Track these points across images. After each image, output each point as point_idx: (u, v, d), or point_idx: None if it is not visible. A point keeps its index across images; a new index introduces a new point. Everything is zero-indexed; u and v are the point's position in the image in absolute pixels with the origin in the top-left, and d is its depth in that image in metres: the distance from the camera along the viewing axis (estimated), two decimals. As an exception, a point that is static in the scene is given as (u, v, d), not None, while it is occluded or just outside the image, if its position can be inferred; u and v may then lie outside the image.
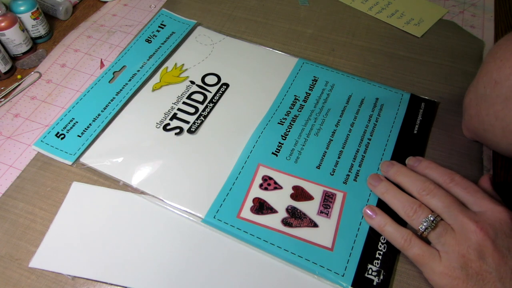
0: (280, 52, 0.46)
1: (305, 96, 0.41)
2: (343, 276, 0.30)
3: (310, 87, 0.42)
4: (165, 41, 0.47)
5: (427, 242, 0.29)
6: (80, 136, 0.38)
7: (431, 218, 0.28)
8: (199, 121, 0.39)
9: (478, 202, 0.28)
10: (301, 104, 0.41)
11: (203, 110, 0.40)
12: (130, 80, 0.43)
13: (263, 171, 0.36)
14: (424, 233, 0.29)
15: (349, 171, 0.36)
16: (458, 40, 0.48)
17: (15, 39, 0.44)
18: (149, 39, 0.47)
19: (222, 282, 0.30)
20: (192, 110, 0.40)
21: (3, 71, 0.44)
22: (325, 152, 0.37)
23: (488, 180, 0.32)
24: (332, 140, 0.38)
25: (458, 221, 0.27)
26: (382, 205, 0.33)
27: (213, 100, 0.41)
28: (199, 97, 0.42)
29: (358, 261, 0.31)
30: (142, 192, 0.35)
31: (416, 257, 0.29)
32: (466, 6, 0.53)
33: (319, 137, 0.38)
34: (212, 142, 0.38)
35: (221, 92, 0.42)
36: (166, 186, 0.35)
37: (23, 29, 0.45)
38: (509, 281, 0.25)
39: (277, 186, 0.35)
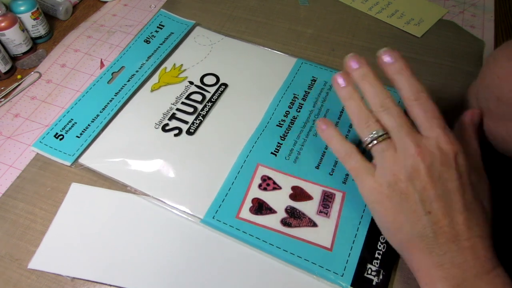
0: (278, 52, 0.46)
1: (304, 96, 0.41)
2: (342, 276, 0.30)
3: (309, 86, 0.42)
4: (163, 42, 0.47)
5: (371, 158, 0.30)
6: (78, 137, 0.38)
7: (379, 133, 0.28)
8: (197, 121, 0.39)
9: (430, 128, 0.28)
10: (300, 103, 0.41)
11: (202, 110, 0.40)
12: (128, 80, 0.43)
13: (262, 171, 0.36)
14: (369, 145, 0.29)
15: (348, 171, 0.36)
16: (458, 40, 0.48)
17: (15, 39, 0.45)
18: (148, 39, 0.47)
19: (221, 282, 0.30)
20: (191, 110, 0.40)
21: (3, 71, 0.44)
22: (324, 152, 0.37)
23: (470, 116, 0.32)
24: (331, 140, 0.38)
25: (403, 142, 0.27)
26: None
27: (212, 100, 0.41)
28: (198, 97, 0.42)
29: (357, 261, 0.31)
30: (141, 193, 0.35)
31: (352, 169, 0.30)
32: (466, 6, 0.53)
33: (318, 137, 0.38)
34: (211, 142, 0.38)
35: (219, 92, 0.42)
36: (165, 187, 0.35)
37: (23, 29, 0.45)
38: (429, 204, 0.26)
39: (276, 186, 0.35)
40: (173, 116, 0.40)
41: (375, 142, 0.29)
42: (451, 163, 0.26)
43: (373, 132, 0.29)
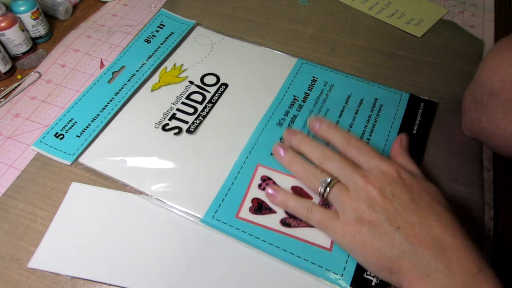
0: (279, 52, 0.46)
1: (304, 96, 0.41)
2: (341, 276, 0.30)
3: (309, 87, 0.42)
4: (164, 41, 0.47)
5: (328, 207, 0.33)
6: (79, 136, 0.38)
7: (328, 180, 0.31)
8: (198, 121, 0.39)
9: (368, 160, 0.31)
10: (300, 104, 0.41)
11: (202, 111, 0.40)
12: (129, 80, 0.43)
13: (262, 172, 0.36)
14: (325, 194, 0.31)
15: (348, 171, 0.36)
16: (458, 40, 0.48)
17: (15, 39, 0.45)
18: (148, 39, 0.47)
19: (220, 282, 0.31)
20: (191, 110, 0.40)
21: (3, 71, 0.44)
22: (324, 152, 0.37)
23: (399, 141, 0.35)
24: (331, 140, 0.38)
25: (351, 179, 0.30)
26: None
27: (212, 100, 0.41)
28: (198, 97, 0.42)
29: (356, 261, 0.31)
30: (141, 192, 0.35)
31: (319, 223, 0.31)
32: (466, 6, 0.53)
33: (318, 137, 0.38)
34: (211, 142, 0.38)
35: (220, 92, 0.42)
36: (164, 186, 0.35)
37: (23, 29, 0.45)
38: (395, 220, 0.28)
39: (276, 186, 0.35)
40: (173, 116, 0.40)
41: (328, 189, 0.31)
42: (397, 180, 0.29)
43: (323, 181, 0.31)
